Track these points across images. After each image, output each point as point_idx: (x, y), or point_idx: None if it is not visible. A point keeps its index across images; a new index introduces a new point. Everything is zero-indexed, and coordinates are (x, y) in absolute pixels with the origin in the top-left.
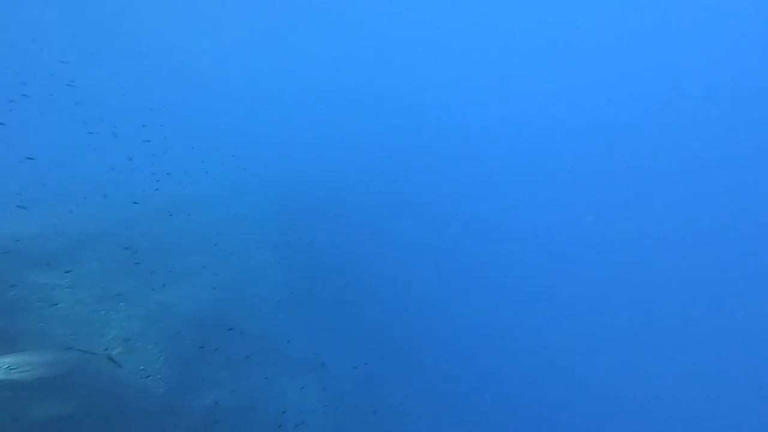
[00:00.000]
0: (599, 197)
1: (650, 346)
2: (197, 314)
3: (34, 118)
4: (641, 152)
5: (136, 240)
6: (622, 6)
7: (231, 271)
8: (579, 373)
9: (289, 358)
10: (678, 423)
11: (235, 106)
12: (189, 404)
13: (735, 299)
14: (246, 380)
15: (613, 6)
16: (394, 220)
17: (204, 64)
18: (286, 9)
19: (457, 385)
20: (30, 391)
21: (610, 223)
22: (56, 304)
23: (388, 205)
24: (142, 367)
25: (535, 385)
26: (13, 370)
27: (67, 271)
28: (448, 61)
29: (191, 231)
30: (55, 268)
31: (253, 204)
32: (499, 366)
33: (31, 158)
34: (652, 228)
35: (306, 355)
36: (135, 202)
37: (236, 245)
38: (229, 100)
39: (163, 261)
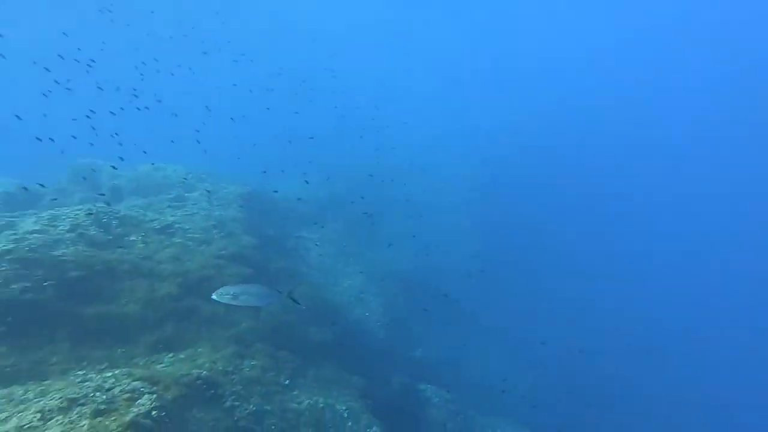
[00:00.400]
0: None
1: None
2: (408, 275)
3: (309, 106)
4: None
5: (370, 206)
6: None
7: (436, 238)
8: None
9: (495, 330)
10: None
11: (441, 91)
12: (403, 351)
13: None
14: (452, 340)
15: None
16: (587, 200)
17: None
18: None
19: (672, 389)
20: (310, 319)
21: None
22: (321, 256)
23: (587, 184)
24: (367, 314)
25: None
26: (236, 298)
27: (322, 227)
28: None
29: (406, 199)
30: (312, 226)
31: (454, 176)
32: (713, 362)
33: (312, 137)
34: None
35: (514, 331)
36: (370, 175)
37: (440, 214)
38: (436, 88)
39: (384, 225)
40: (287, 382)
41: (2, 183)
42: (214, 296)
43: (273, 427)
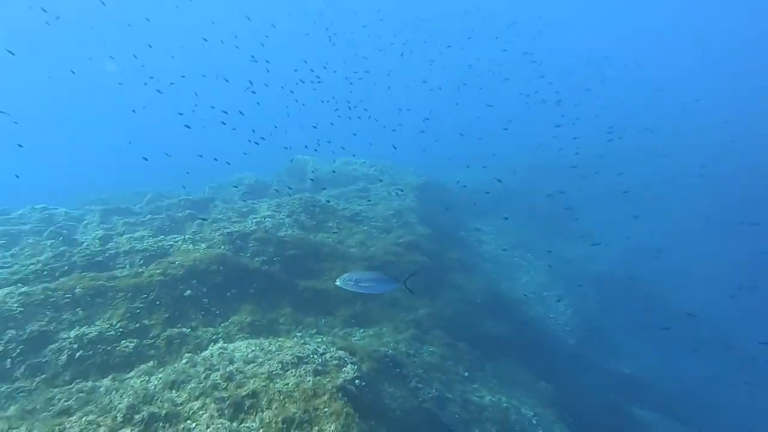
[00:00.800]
0: None
1: None
2: (614, 280)
3: (504, 96)
4: None
5: (564, 199)
6: None
7: (651, 239)
8: None
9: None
10: None
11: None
12: (602, 363)
13: None
14: (691, 366)
15: None
16: None
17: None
18: None
19: None
20: (485, 311)
21: None
22: (496, 248)
23: None
24: (551, 315)
25: None
26: (358, 285)
27: (506, 218)
28: None
29: (624, 191)
30: (486, 217)
31: (693, 168)
32: None
33: (506, 128)
34: None
35: None
36: (574, 166)
37: (671, 212)
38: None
39: (585, 221)
40: (466, 373)
41: (248, 176)
42: (338, 282)
43: (456, 415)
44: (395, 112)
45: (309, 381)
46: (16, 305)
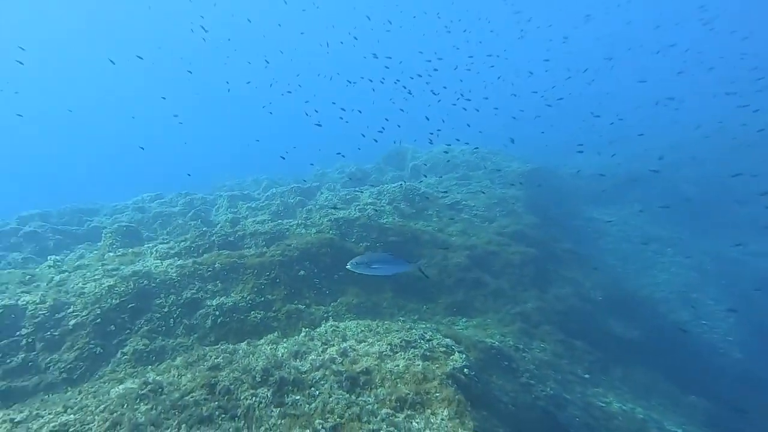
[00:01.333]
0: None
1: None
2: None
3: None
4: None
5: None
6: None
7: None
8: None
9: None
10: None
11: None
12: None
13: None
14: None
15: None
16: None
17: None
18: None
19: None
20: (608, 310)
21: None
22: (619, 240)
23: None
24: (704, 322)
25: None
26: (369, 267)
27: (641, 211)
28: None
29: None
30: (611, 206)
31: None
32: None
33: (657, 103)
34: None
35: None
36: (693, 157)
37: None
38: None
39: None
40: (587, 375)
41: (349, 164)
42: (348, 266)
43: (576, 419)
44: (510, 98)
45: (418, 365)
46: (175, 275)
